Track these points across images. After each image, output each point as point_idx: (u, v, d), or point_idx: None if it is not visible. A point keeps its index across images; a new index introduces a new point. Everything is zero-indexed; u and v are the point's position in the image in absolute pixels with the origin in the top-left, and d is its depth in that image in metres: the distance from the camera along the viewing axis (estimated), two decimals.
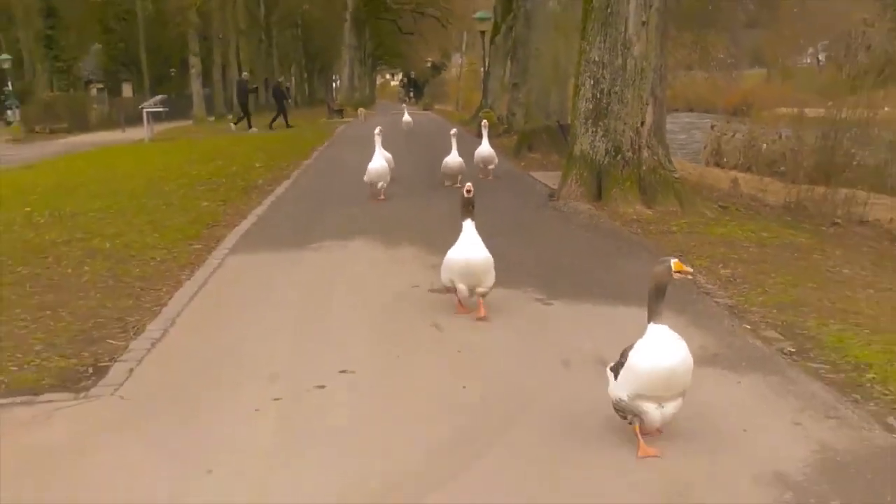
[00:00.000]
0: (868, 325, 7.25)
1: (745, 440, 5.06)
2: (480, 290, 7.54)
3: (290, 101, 44.49)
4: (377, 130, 14.83)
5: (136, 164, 23.97)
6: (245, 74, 49.44)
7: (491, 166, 17.07)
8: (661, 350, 4.66)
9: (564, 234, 11.66)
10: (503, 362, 6.53)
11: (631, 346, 4.82)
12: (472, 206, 7.46)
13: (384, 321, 7.80)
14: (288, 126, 40.09)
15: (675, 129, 30.47)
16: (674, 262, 4.70)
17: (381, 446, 5.07)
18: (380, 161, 14.64)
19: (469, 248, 7.40)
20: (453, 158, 15.89)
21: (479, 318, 7.50)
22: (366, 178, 14.74)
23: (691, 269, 4.82)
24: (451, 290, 7.63)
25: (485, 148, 16.87)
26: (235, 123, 40.42)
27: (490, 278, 7.53)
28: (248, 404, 5.77)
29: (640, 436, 4.83)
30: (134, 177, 20.05)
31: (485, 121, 18.07)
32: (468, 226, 7.47)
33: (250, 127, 39.45)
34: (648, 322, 4.76)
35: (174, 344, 7.26)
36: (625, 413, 4.85)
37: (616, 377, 4.90)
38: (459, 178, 15.44)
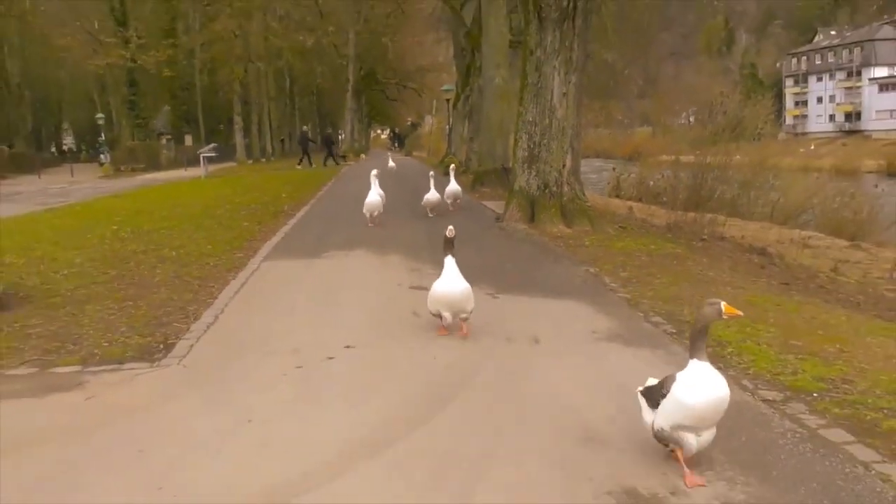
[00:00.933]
0: None
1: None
2: (463, 315, 6.57)
3: (335, 146, 46.45)
4: (374, 173, 14.08)
5: (194, 194, 23.82)
6: (305, 128, 50.25)
7: (458, 200, 16.04)
8: (707, 386, 3.82)
9: (507, 246, 11.66)
10: (464, 340, 6.52)
11: (672, 378, 3.93)
12: (453, 244, 6.52)
13: (377, 309, 7.77)
14: (336, 164, 41.52)
15: (587, 171, 30.73)
16: (724, 304, 3.81)
17: (375, 400, 5.06)
18: (374, 196, 13.88)
19: (450, 282, 6.44)
20: (432, 194, 15.07)
21: (462, 336, 6.54)
22: (364, 209, 13.93)
23: (741, 313, 3.95)
24: (438, 316, 6.55)
25: (453, 186, 15.79)
26: (300, 163, 42.04)
27: (470, 305, 6.55)
28: (277, 370, 5.74)
29: (683, 464, 3.91)
30: (193, 204, 19.92)
31: (452, 165, 17.43)
32: (449, 261, 6.49)
33: (311, 164, 41.14)
34: (691, 358, 3.88)
35: (223, 327, 7.20)
36: (666, 441, 3.98)
37: (651, 404, 4.06)
38: (434, 209, 15.10)
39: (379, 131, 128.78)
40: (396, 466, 4.08)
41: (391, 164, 29.49)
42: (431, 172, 15.24)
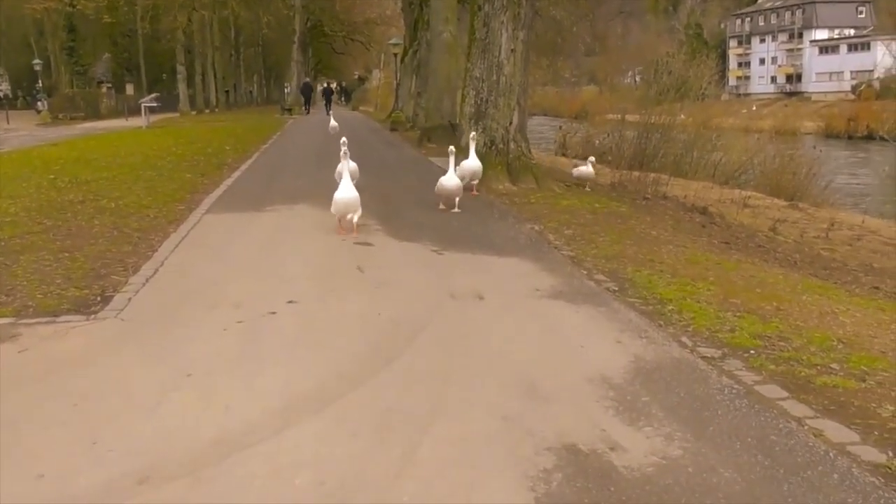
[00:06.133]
0: (668, 272, 7.37)
1: (581, 352, 5.10)
2: None
3: (333, 96, 52.34)
4: (344, 150, 9.55)
5: (135, 144, 23.27)
6: (307, 79, 55.63)
7: (475, 181, 11.99)
8: None
9: None
10: (408, 296, 6.48)
11: None
12: None
13: (321, 264, 7.70)
14: (328, 113, 41.25)
15: (538, 129, 30.65)
16: None
17: (319, 355, 5.00)
18: (348, 191, 8.78)
19: None
20: (450, 180, 10.40)
21: None
22: (333, 209, 8.93)
23: None
24: None
25: (473, 162, 11.68)
26: (306, 111, 47.76)
27: None
28: (217, 325, 5.64)
29: None
30: (134, 154, 19.46)
31: (473, 133, 12.32)
32: None
33: (308, 112, 46.37)
34: None
35: (163, 280, 7.06)
36: None
37: None
38: (457, 200, 10.54)
39: (326, 84, 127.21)
40: (341, 421, 4.05)
41: (333, 123, 23.43)
42: (451, 148, 10.53)
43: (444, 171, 10.67)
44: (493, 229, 9.57)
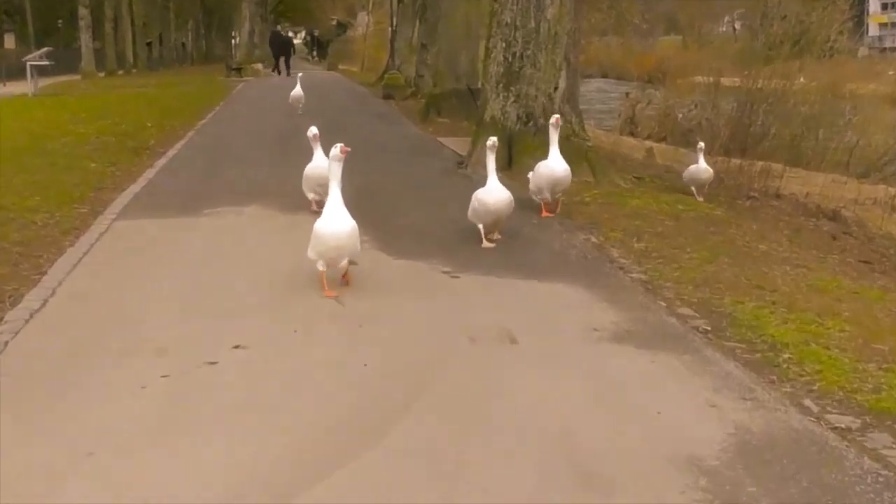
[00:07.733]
0: (784, 303, 7.33)
1: (659, 421, 5.06)
2: None
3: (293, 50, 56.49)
4: (338, 158, 7.48)
5: (17, 119, 23.36)
6: (279, 27, 62.28)
7: (559, 194, 10.96)
8: None
9: None
10: (407, 338, 6.46)
11: None
12: None
13: (281, 293, 7.68)
14: (289, 74, 45.48)
15: (596, 96, 30.57)
16: None
17: (275, 428, 4.97)
18: (341, 220, 7.41)
19: None
20: (492, 192, 9.02)
21: None
22: (312, 251, 7.50)
23: None
24: None
25: (558, 164, 10.55)
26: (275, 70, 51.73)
27: None
28: (133, 381, 5.62)
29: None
30: (15, 134, 19.51)
31: (555, 116, 11.00)
32: None
33: (277, 72, 50.01)
34: None
35: (54, 315, 7.07)
36: None
37: None
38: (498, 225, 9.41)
39: (291, 34, 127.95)
40: None
41: (296, 91, 23.55)
42: (493, 140, 9.23)
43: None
44: (530, 241, 9.55)
